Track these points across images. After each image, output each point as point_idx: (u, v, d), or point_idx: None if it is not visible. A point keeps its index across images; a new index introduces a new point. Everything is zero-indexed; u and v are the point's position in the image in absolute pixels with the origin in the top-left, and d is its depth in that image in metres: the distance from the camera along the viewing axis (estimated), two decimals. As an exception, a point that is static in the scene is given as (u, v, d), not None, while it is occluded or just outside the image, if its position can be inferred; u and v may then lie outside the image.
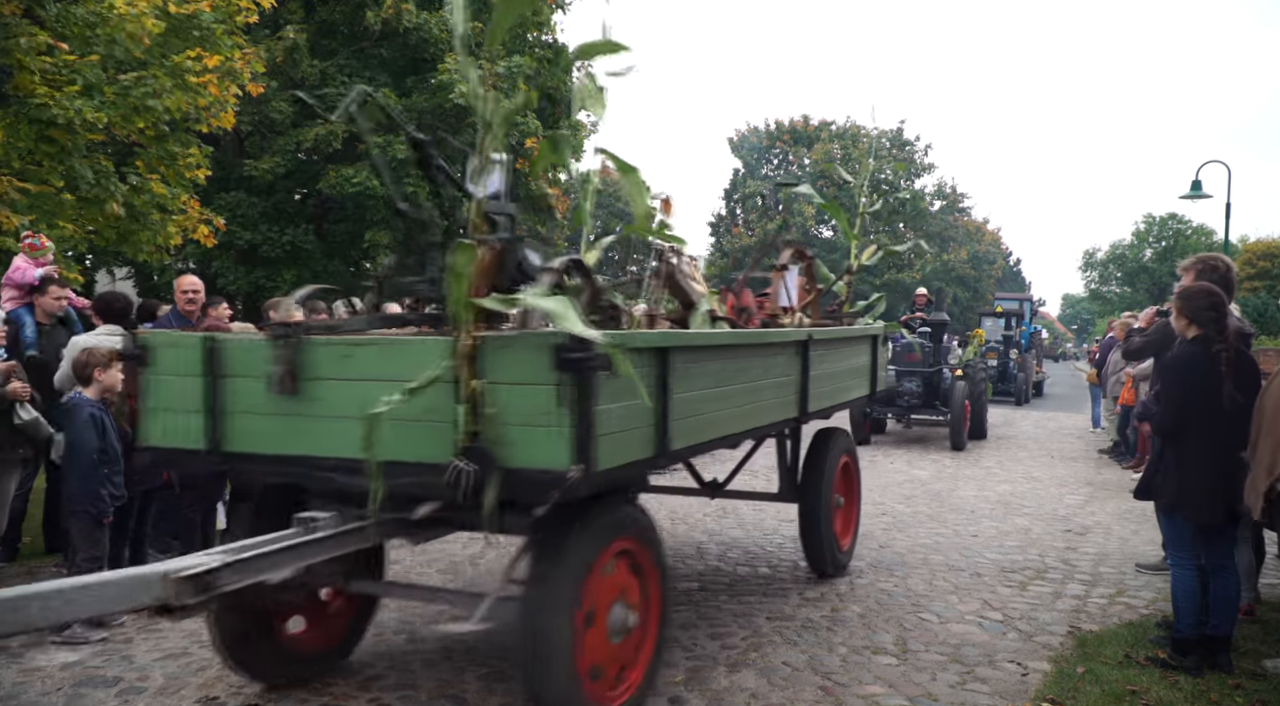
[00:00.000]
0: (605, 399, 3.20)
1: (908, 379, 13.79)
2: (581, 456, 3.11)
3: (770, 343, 4.87)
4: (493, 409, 3.19)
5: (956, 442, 13.35)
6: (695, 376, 3.91)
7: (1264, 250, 43.96)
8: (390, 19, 15.09)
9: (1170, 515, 4.69)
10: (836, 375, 5.99)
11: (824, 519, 5.95)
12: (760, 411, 4.71)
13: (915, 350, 13.78)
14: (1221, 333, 4.42)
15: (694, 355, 3.91)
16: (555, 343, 3.09)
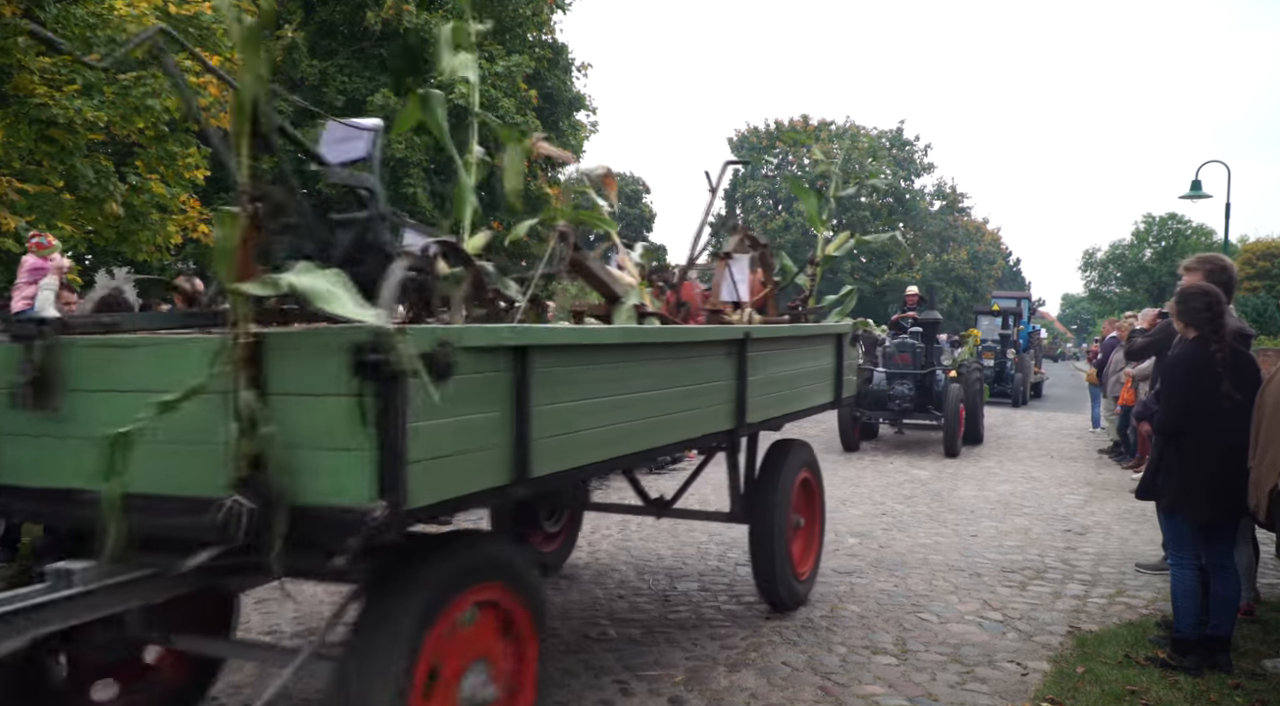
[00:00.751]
0: (426, 413, 2.47)
1: (899, 382, 13.14)
2: (389, 489, 2.38)
3: (690, 342, 4.15)
4: (274, 428, 2.47)
5: (950, 448, 12.68)
6: (571, 383, 3.19)
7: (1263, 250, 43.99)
8: (390, 19, 15.11)
9: (1171, 515, 4.69)
10: (787, 379, 5.30)
11: (777, 542, 5.23)
12: (676, 424, 3.98)
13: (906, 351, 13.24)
14: (1217, 332, 4.43)
15: (568, 357, 3.18)
16: (352, 341, 2.36)
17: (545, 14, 18.64)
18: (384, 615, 2.69)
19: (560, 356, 3.14)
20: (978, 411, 13.99)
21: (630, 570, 6.49)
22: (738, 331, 4.59)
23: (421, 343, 2.42)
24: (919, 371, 13.18)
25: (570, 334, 3.30)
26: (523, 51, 17.49)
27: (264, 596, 5.76)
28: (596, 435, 3.38)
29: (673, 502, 5.75)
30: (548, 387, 3.04)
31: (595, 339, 3.40)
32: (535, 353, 2.96)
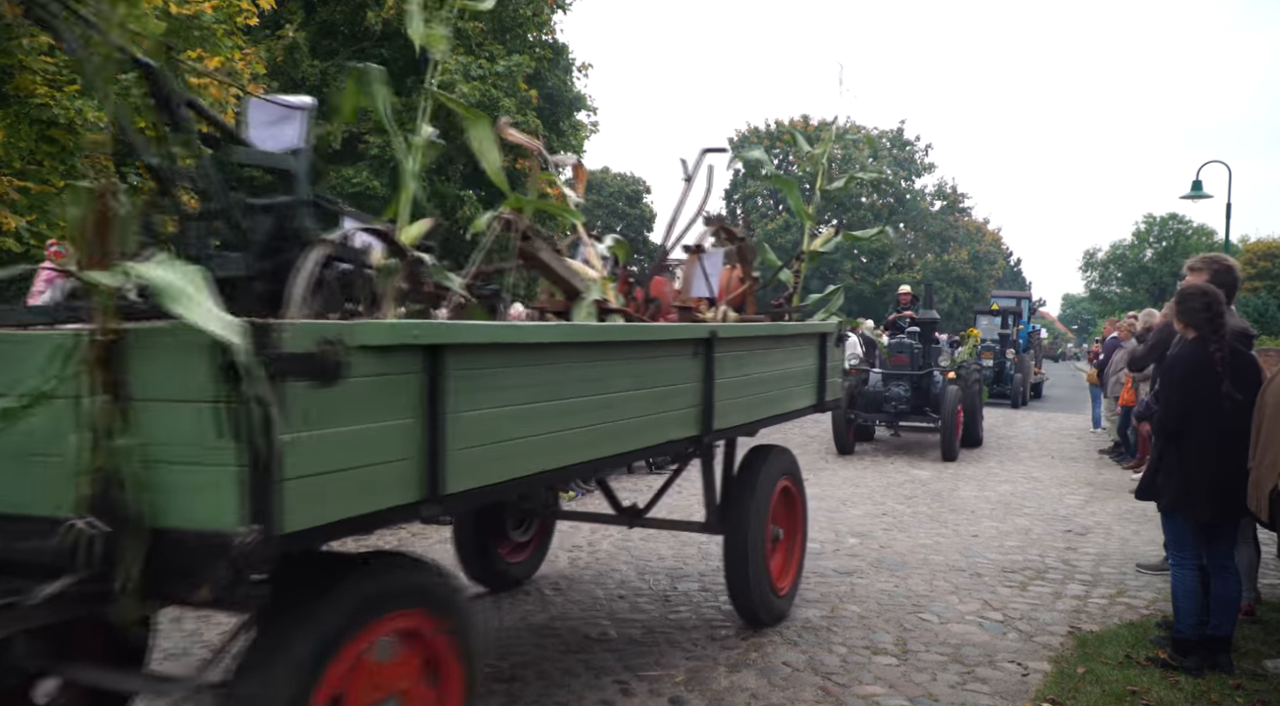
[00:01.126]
0: (307, 422, 2.18)
1: (895, 383, 12.74)
2: (260, 511, 2.08)
3: (645, 341, 3.80)
4: (131, 439, 2.16)
5: (948, 452, 12.25)
6: (498, 387, 2.86)
7: (1264, 250, 44.01)
8: (391, 19, 15.12)
9: (1171, 515, 4.69)
10: (762, 382, 4.93)
11: (752, 555, 4.89)
12: (630, 431, 3.65)
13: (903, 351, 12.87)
14: (1217, 332, 4.43)
15: (493, 357, 2.82)
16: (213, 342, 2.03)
17: (545, 14, 18.65)
18: (279, 644, 2.38)
19: (483, 357, 2.79)
20: (976, 413, 13.66)
21: (631, 570, 6.49)
22: (702, 330, 4.25)
23: (302, 341, 2.13)
24: (916, 372, 12.84)
25: (494, 332, 2.89)
26: (523, 51, 17.50)
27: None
28: (529, 445, 3.03)
29: (645, 511, 5.50)
30: (468, 392, 2.71)
31: (525, 337, 3.01)
32: (451, 353, 2.63)
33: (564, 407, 3.21)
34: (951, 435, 12.22)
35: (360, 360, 2.30)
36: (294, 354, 2.11)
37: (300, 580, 2.50)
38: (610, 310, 4.18)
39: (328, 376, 2.19)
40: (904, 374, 12.76)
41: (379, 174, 14.96)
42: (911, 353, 12.93)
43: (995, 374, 21.22)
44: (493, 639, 5.00)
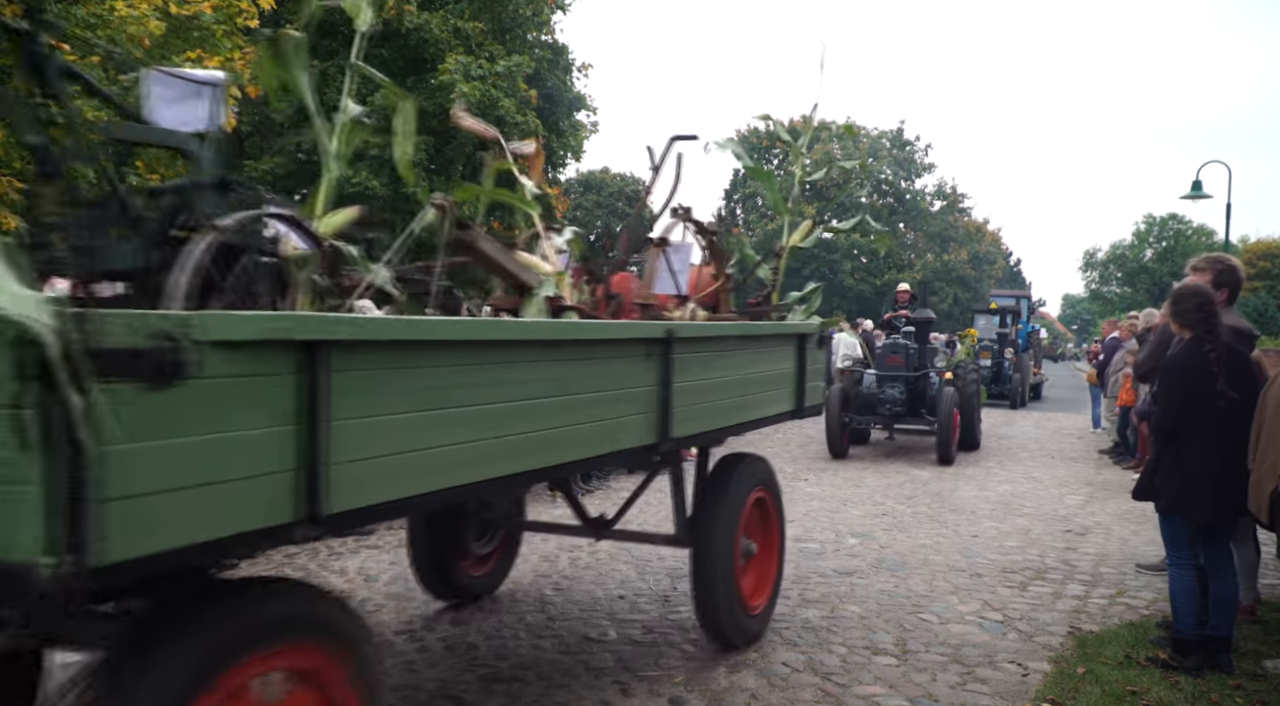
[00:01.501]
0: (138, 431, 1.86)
1: (890, 385, 12.38)
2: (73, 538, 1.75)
3: (585, 340, 3.42)
4: None
5: (943, 455, 11.91)
6: (394, 390, 2.50)
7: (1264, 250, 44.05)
8: (391, 19, 15.12)
9: (1168, 515, 4.69)
10: (731, 386, 4.55)
11: (720, 570, 4.55)
12: (569, 439, 3.27)
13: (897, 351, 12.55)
14: (1211, 332, 4.44)
15: (391, 356, 2.49)
16: (15, 333, 1.70)
17: (545, 14, 18.65)
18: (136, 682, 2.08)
19: (376, 356, 2.45)
20: (974, 415, 13.36)
21: (631, 570, 6.48)
22: (657, 328, 3.86)
23: (131, 334, 1.81)
24: (911, 373, 12.49)
25: (385, 327, 2.51)
26: (523, 52, 17.50)
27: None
28: (437, 457, 2.66)
29: (613, 522, 5.16)
30: (356, 396, 2.37)
31: (426, 334, 2.62)
32: (337, 351, 2.28)
33: (481, 414, 2.82)
34: (947, 438, 11.88)
35: (214, 358, 1.97)
36: (120, 350, 1.78)
37: (164, 609, 2.23)
38: (565, 307, 3.85)
39: (163, 377, 1.86)
40: (899, 375, 12.41)
41: (378, 173, 14.95)
42: (906, 353, 12.61)
43: (993, 374, 20.91)
44: (493, 641, 5.00)
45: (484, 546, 5.77)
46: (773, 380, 5.11)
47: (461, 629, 5.18)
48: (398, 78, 15.91)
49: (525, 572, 6.40)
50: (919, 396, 12.51)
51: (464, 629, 5.18)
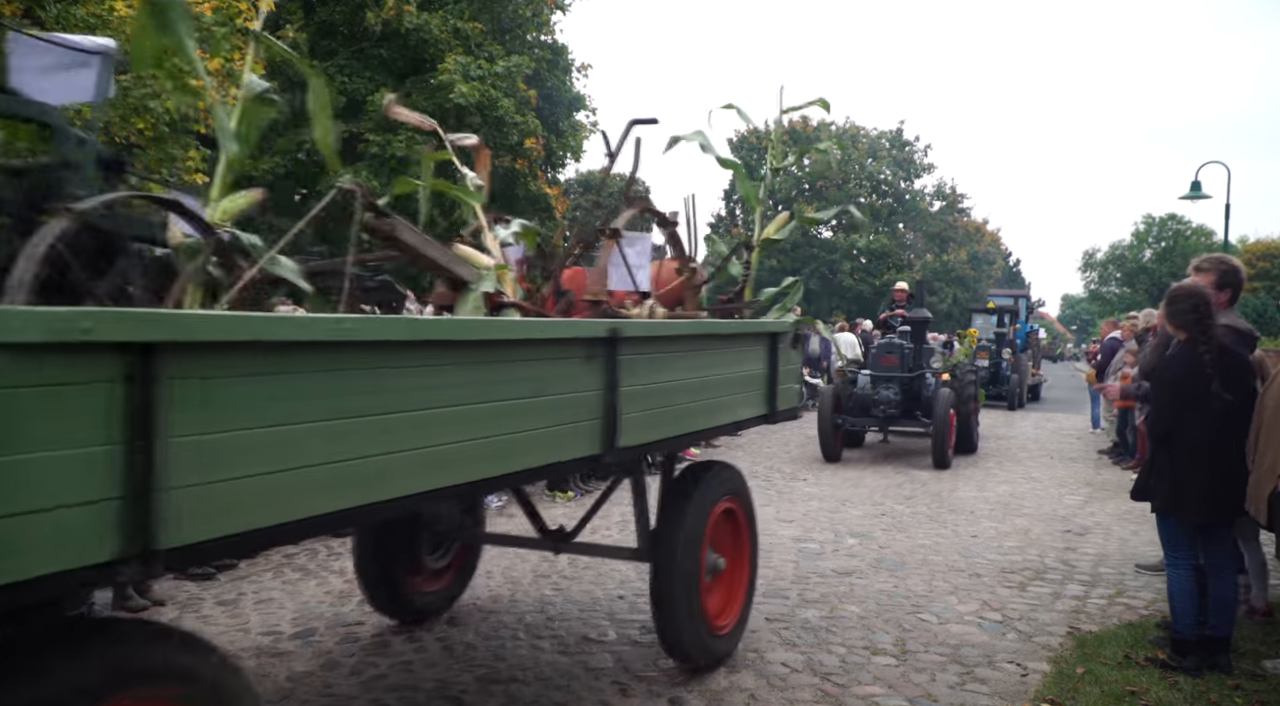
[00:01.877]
0: None
1: (884, 386, 12.02)
2: None
3: (506, 340, 2.97)
4: None
5: (939, 459, 11.50)
6: (248, 401, 2.11)
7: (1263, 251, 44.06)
8: (391, 19, 15.13)
9: (1164, 516, 4.70)
10: (691, 390, 4.16)
11: (680, 587, 4.20)
12: (485, 454, 2.86)
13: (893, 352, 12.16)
14: (1205, 333, 4.44)
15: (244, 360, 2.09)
16: None
17: (545, 14, 18.66)
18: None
19: (228, 360, 2.05)
20: (971, 418, 13.00)
21: (630, 569, 6.48)
22: (599, 327, 3.47)
23: None
24: (907, 374, 12.13)
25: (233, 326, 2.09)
26: (523, 52, 17.51)
27: (266, 596, 5.77)
28: (314, 476, 2.27)
29: (573, 535, 4.88)
30: (201, 408, 1.99)
31: (295, 334, 2.21)
32: (172, 354, 1.91)
33: (368, 427, 2.42)
34: (943, 441, 11.48)
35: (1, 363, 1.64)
36: None
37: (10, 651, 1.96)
38: (505, 304, 3.57)
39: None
40: (894, 376, 12.07)
41: (378, 173, 14.95)
42: (902, 353, 12.22)
43: (991, 375, 20.59)
44: (491, 641, 5.00)
45: (439, 560, 5.38)
46: (739, 383, 4.72)
47: (460, 629, 5.18)
48: (397, 78, 15.93)
49: (525, 573, 6.40)
50: (914, 398, 12.21)
51: (462, 629, 5.18)
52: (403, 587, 5.09)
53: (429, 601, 5.28)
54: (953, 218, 48.70)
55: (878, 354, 12.41)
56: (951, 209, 48.86)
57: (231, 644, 4.88)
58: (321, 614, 5.44)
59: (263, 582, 6.11)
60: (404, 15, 15.10)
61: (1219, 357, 4.41)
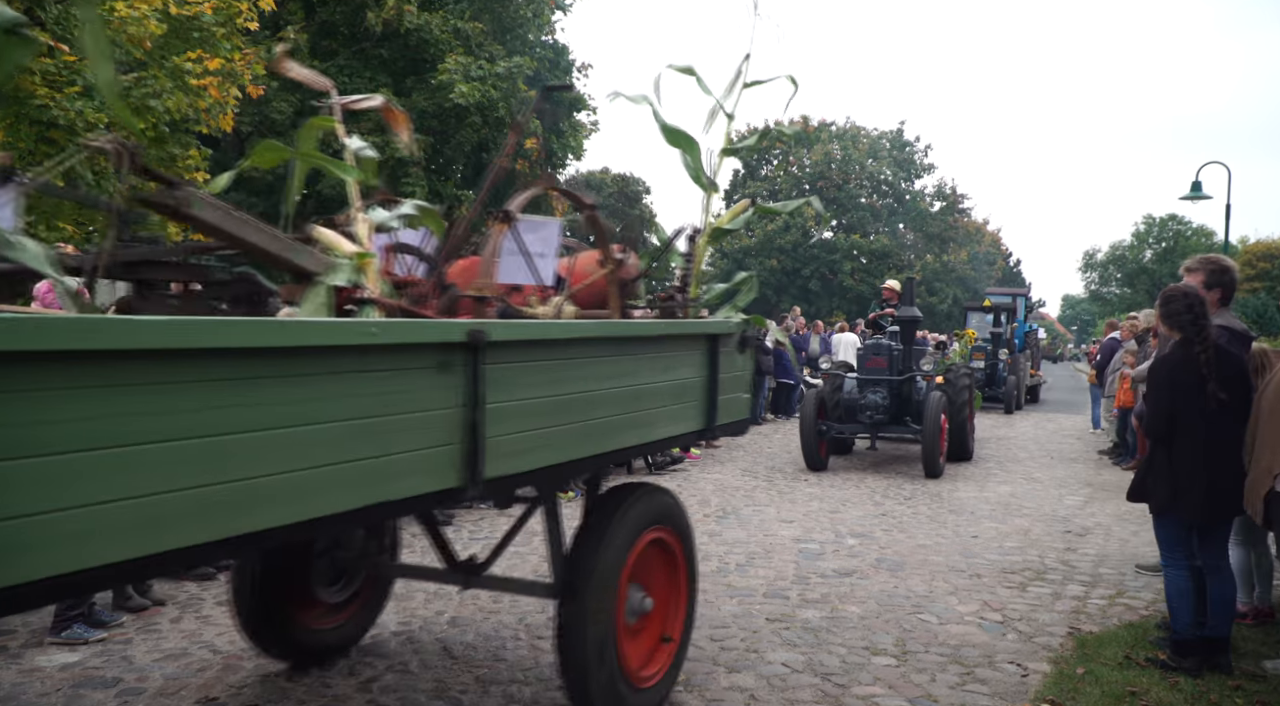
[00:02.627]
0: None
1: (872, 389, 11.34)
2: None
3: (298, 347, 2.29)
4: None
5: (929, 467, 10.78)
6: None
7: (1264, 251, 44.01)
8: (391, 20, 15.13)
9: (1161, 516, 4.70)
10: (594, 403, 3.49)
11: (590, 628, 3.57)
12: (281, 493, 2.24)
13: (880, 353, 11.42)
14: (1200, 334, 4.44)
15: None
16: None
17: (546, 15, 18.66)
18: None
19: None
20: (965, 423, 12.19)
21: (630, 571, 6.48)
22: (455, 330, 2.78)
23: None
24: (895, 377, 11.43)
25: None
26: (523, 52, 17.51)
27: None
28: (32, 529, 1.76)
29: (485, 567, 4.33)
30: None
31: None
32: None
33: (125, 459, 1.90)
34: (934, 448, 10.72)
35: None
36: None
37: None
38: (362, 301, 3.00)
39: None
40: (881, 379, 11.35)
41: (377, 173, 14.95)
42: (890, 355, 11.48)
43: (987, 376, 19.91)
44: (491, 641, 5.00)
45: (337, 593, 4.69)
46: (666, 393, 4.03)
47: (459, 630, 5.18)
48: (398, 77, 15.93)
49: (525, 573, 6.39)
50: (904, 402, 11.54)
51: (462, 630, 5.18)
52: (290, 625, 4.42)
53: (324, 639, 4.60)
54: (953, 218, 48.68)
55: (864, 355, 11.74)
56: (952, 209, 48.84)
57: (230, 644, 4.88)
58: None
59: (263, 582, 6.10)
60: (404, 15, 15.10)
61: (1215, 358, 4.41)
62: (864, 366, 11.58)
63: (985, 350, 20.03)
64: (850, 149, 45.13)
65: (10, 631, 5.03)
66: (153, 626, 5.17)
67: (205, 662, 4.61)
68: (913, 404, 11.57)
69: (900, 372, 11.49)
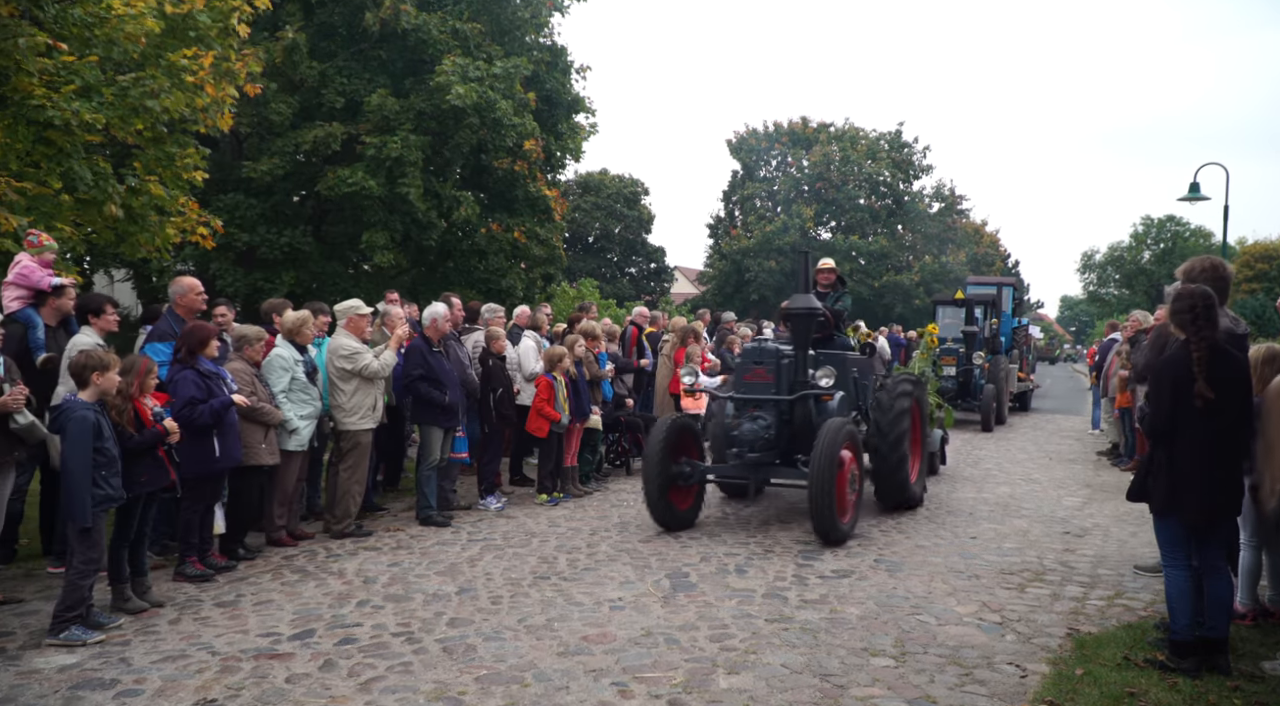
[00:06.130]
0: None
1: (750, 415, 7.87)
2: None
3: None
4: None
5: (821, 526, 7.11)
6: None
7: (1262, 252, 43.98)
8: (389, 19, 15.10)
9: (1162, 517, 4.70)
10: None
11: None
12: None
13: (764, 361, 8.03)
14: (1198, 333, 4.44)
15: None
16: None
17: (544, 16, 18.63)
18: None
19: None
20: (900, 456, 8.38)
21: (631, 570, 6.48)
22: None
23: None
24: (786, 397, 7.91)
25: None
26: (521, 53, 17.48)
27: (265, 597, 5.76)
28: None
29: None
30: None
31: None
32: None
33: None
34: (827, 501, 6.97)
35: None
36: None
37: None
38: None
39: None
40: (765, 398, 7.94)
41: (375, 174, 14.93)
42: (778, 364, 7.99)
43: (960, 385, 16.84)
44: (492, 642, 5.00)
45: None
46: None
47: (460, 630, 5.17)
48: (396, 78, 15.90)
49: (525, 573, 6.39)
50: (798, 432, 7.95)
51: (463, 630, 5.17)
52: None
53: None
54: (952, 219, 48.68)
55: (742, 365, 8.30)
56: (950, 210, 48.83)
57: (230, 646, 4.88)
58: (320, 615, 5.43)
59: (261, 584, 6.10)
60: (402, 15, 15.07)
61: (1208, 357, 4.42)
62: (741, 380, 8.17)
63: (956, 353, 16.93)
64: (849, 150, 45.09)
65: (8, 633, 5.02)
66: (151, 628, 5.16)
67: (203, 664, 4.61)
68: (811, 432, 7.70)
69: (789, 391, 7.99)
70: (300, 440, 7.07)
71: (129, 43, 8.49)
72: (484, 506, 8.76)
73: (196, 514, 6.18)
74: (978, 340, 17.31)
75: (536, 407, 8.88)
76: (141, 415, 5.41)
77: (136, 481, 5.32)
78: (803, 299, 8.07)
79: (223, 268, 15.17)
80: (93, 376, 5.10)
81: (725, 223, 46.42)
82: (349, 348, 7.43)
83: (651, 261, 44.49)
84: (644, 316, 12.62)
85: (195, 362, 6.13)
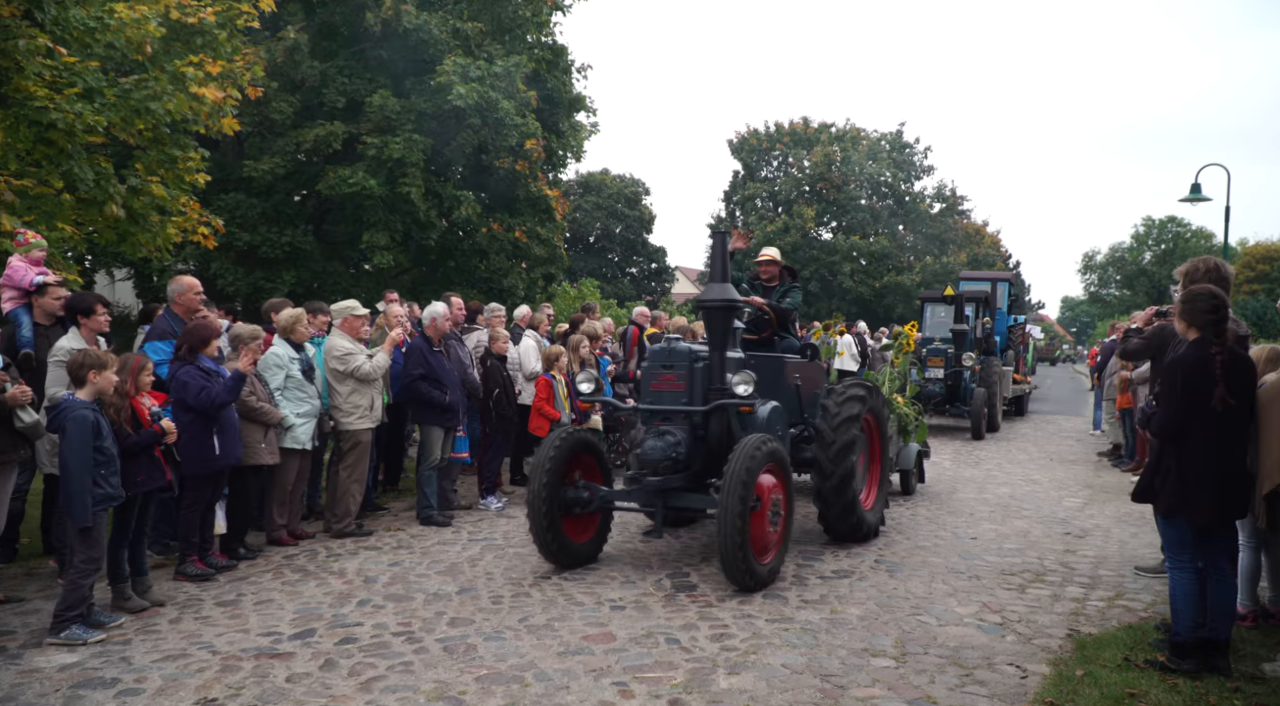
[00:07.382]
0: None
1: (655, 430, 6.59)
2: None
3: None
4: None
5: (733, 569, 5.75)
6: None
7: (1263, 253, 43.98)
8: (390, 19, 15.11)
9: (1169, 518, 4.69)
10: None
11: None
12: None
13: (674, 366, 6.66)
14: (1219, 335, 4.42)
15: None
16: None
17: (545, 15, 18.63)
18: None
19: None
20: (844, 479, 7.00)
21: (632, 570, 6.48)
22: None
23: None
24: (699, 407, 6.60)
25: None
26: (522, 53, 17.48)
27: (265, 597, 5.76)
28: None
29: None
30: None
31: None
32: None
33: None
34: (736, 538, 5.64)
35: None
36: None
37: None
38: None
39: None
40: (675, 409, 6.64)
41: (375, 173, 14.94)
42: (690, 369, 6.65)
43: (948, 388, 15.70)
44: (493, 641, 5.00)
45: None
46: None
47: (461, 630, 5.17)
48: (397, 79, 15.90)
49: (525, 573, 6.39)
50: (718, 450, 6.57)
51: (464, 630, 5.17)
52: None
53: None
54: (953, 220, 48.68)
55: (648, 370, 6.92)
56: (951, 211, 48.85)
57: (231, 645, 4.88)
58: (321, 615, 5.44)
59: (262, 583, 6.10)
60: (403, 14, 15.08)
61: (1230, 360, 4.39)
62: (647, 388, 6.86)
63: (944, 354, 15.82)
64: (850, 150, 45.13)
65: (9, 632, 5.03)
66: (151, 627, 5.16)
67: (204, 663, 4.61)
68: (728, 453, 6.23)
69: (706, 399, 6.67)
70: (298, 438, 7.07)
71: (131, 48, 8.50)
72: (485, 506, 8.76)
73: (197, 513, 6.19)
74: (968, 340, 16.10)
75: (537, 407, 8.88)
76: (139, 414, 5.41)
77: (133, 481, 5.32)
78: (718, 289, 6.74)
79: (223, 267, 15.19)
80: (90, 375, 5.10)
81: (726, 223, 46.42)
82: (342, 348, 7.43)
83: (652, 261, 44.52)
84: (644, 316, 12.62)
85: (196, 360, 6.14)
